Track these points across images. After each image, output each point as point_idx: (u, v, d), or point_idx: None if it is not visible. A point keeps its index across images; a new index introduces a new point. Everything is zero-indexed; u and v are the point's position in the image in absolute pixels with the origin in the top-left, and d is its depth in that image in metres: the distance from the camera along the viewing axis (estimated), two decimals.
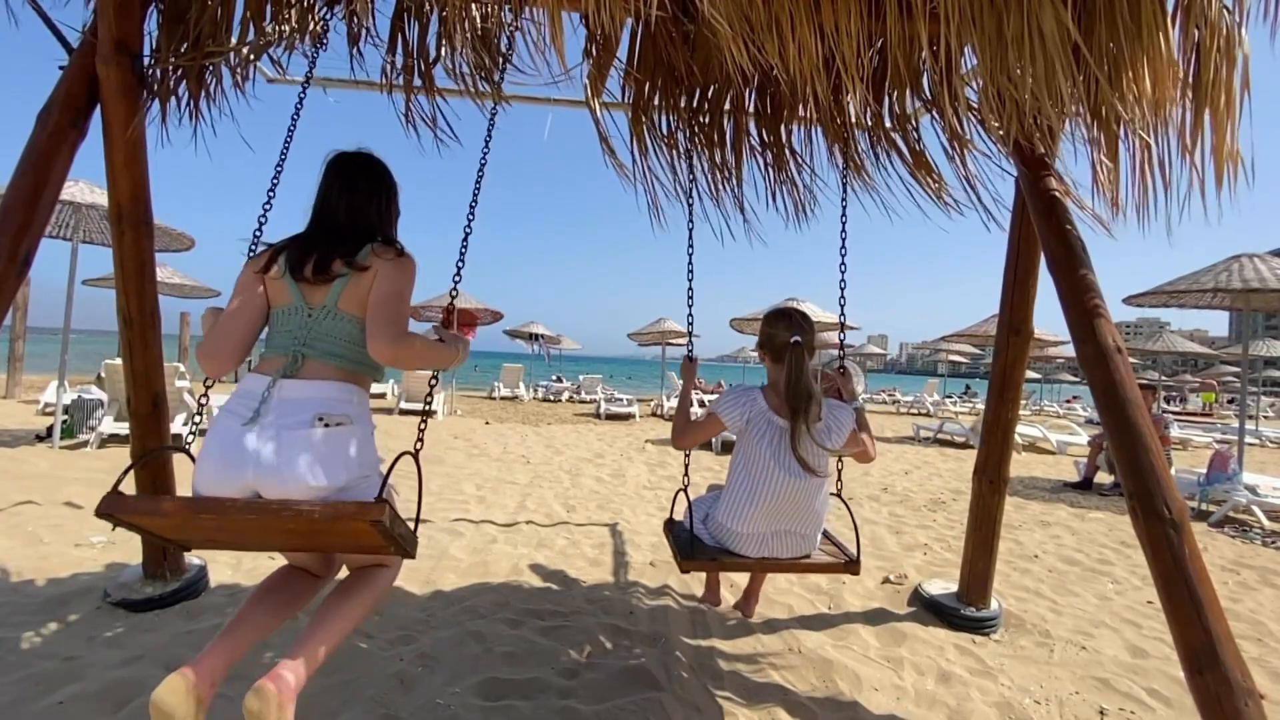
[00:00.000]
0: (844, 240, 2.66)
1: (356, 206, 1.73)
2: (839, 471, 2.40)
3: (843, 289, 2.60)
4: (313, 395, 1.54)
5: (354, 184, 1.74)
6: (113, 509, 1.40)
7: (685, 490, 2.37)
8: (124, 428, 6.25)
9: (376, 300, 1.60)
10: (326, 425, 1.50)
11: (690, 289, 2.63)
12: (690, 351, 2.54)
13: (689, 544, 2.19)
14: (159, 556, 2.85)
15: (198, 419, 1.92)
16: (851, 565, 2.21)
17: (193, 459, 1.56)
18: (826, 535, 2.43)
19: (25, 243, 2.20)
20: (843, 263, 2.61)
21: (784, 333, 2.14)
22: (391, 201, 1.83)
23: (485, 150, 2.05)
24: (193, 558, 3.05)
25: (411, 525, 1.56)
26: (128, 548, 3.38)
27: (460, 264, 1.87)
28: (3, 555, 3.23)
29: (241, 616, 1.56)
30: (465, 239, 1.91)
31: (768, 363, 2.24)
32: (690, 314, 2.67)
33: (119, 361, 6.76)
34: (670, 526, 2.42)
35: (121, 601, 2.70)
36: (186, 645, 2.41)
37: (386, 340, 1.56)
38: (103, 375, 8.02)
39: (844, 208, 2.75)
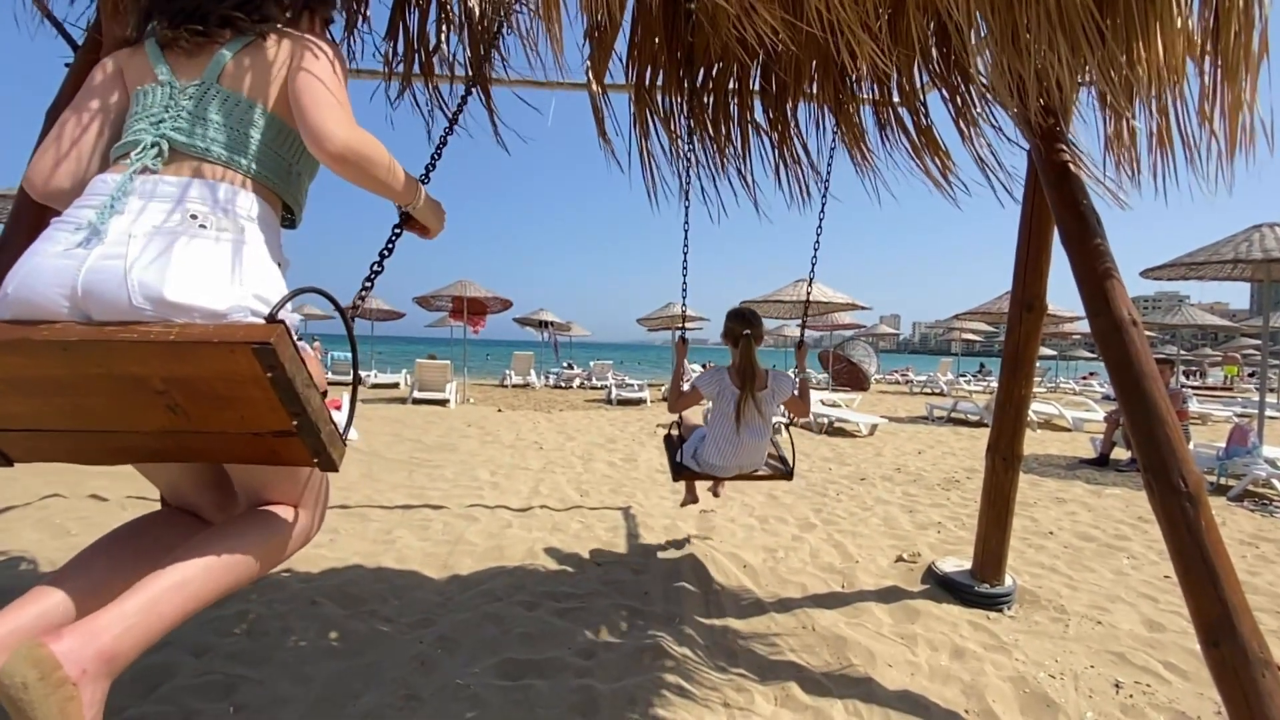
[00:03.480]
0: (823, 203, 3.12)
1: None
2: (789, 416, 3.28)
3: (815, 258, 3.18)
4: (186, 195, 1.07)
5: None
6: None
7: (680, 422, 3.31)
8: None
9: (307, 75, 1.15)
10: (203, 226, 1.05)
11: (685, 282, 3.21)
12: (684, 333, 3.28)
13: (679, 468, 3.08)
14: None
15: None
16: (788, 475, 3.08)
17: None
18: (779, 455, 3.24)
19: None
20: (820, 220, 3.11)
21: (739, 327, 2.91)
22: (312, 12, 1.39)
23: (449, 129, 1.71)
24: None
25: (341, 433, 1.13)
26: None
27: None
28: (33, 548, 3.32)
29: (72, 566, 1.08)
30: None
31: (729, 347, 3.00)
32: (685, 298, 3.25)
33: None
34: (669, 442, 3.31)
35: None
36: (212, 631, 2.47)
37: (334, 121, 1.11)
38: None
39: (827, 179, 3.13)
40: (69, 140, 1.17)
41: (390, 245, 1.39)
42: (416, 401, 11.88)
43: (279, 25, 1.23)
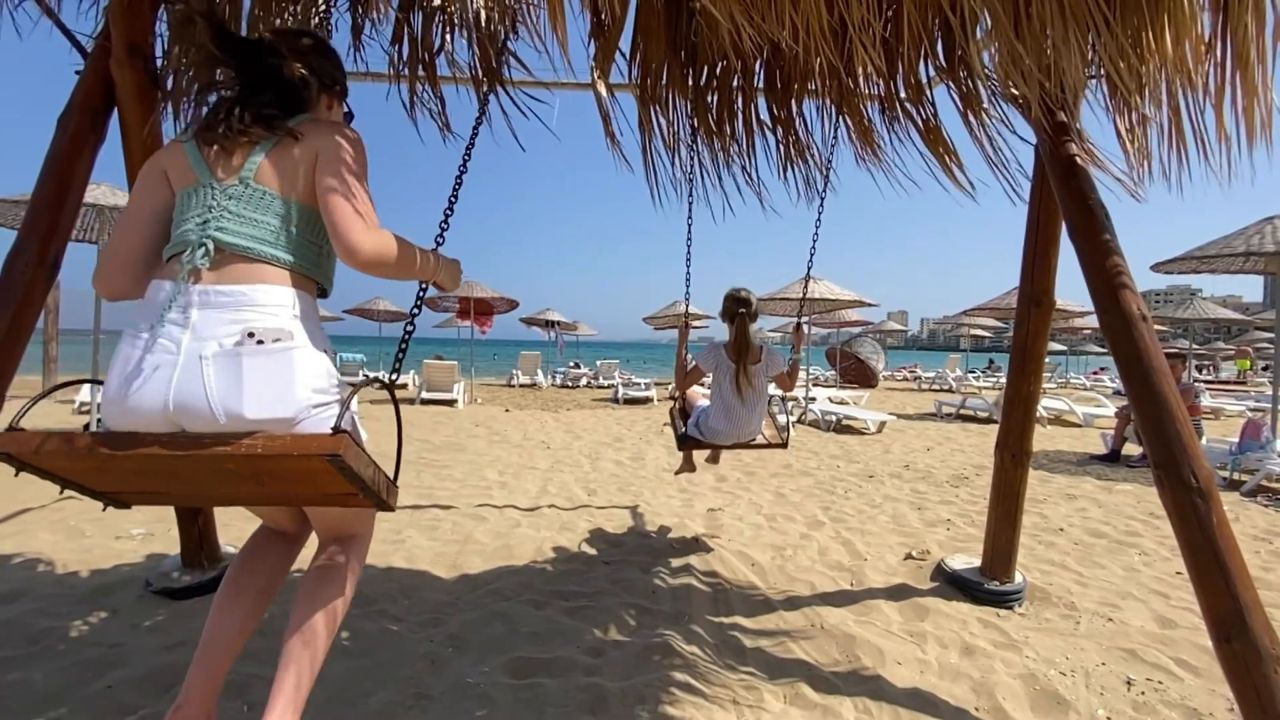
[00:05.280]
0: (822, 198, 3.28)
1: (284, 72, 1.38)
2: (782, 392, 3.51)
3: (813, 248, 3.37)
4: (238, 301, 1.21)
5: (280, 49, 1.40)
6: (7, 448, 1.15)
7: (683, 397, 3.65)
8: None
9: (331, 184, 1.27)
10: (260, 342, 1.19)
11: (688, 272, 3.29)
12: (686, 319, 3.60)
13: (685, 438, 3.40)
14: (196, 546, 2.95)
15: None
16: (781, 445, 3.42)
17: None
18: (775, 426, 3.55)
19: (53, 246, 2.26)
20: (819, 215, 3.29)
21: (735, 306, 3.23)
22: (331, 79, 1.50)
23: (474, 135, 1.86)
24: (228, 546, 3.14)
25: (391, 473, 1.36)
26: (166, 539, 3.50)
27: (440, 240, 1.67)
28: (48, 549, 3.36)
29: (209, 637, 1.35)
30: (446, 217, 1.72)
31: (727, 324, 3.30)
32: (688, 287, 3.33)
33: None
34: (673, 414, 3.61)
35: (162, 590, 2.80)
36: None
37: (359, 232, 1.25)
38: None
39: (826, 174, 3.23)
40: (127, 245, 1.32)
41: (417, 308, 1.58)
42: (424, 402, 11.94)
43: (304, 113, 1.38)
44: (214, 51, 1.35)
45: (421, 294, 1.57)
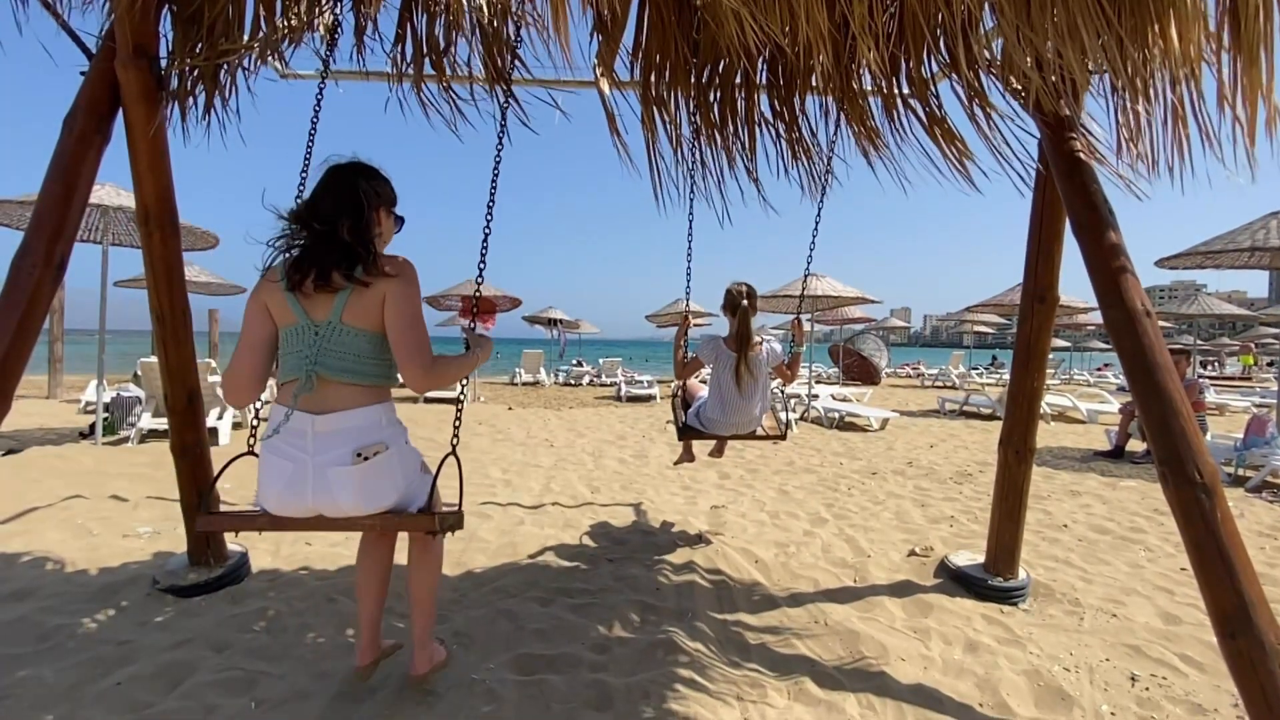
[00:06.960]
0: (823, 193, 3.26)
1: (347, 222, 1.69)
2: (782, 382, 3.59)
3: (813, 243, 3.31)
4: (343, 428, 1.66)
5: (341, 197, 1.71)
6: (211, 527, 1.89)
7: (684, 388, 3.72)
8: (162, 423, 6.46)
9: (398, 329, 1.67)
10: (365, 458, 1.65)
11: (689, 267, 3.22)
12: (687, 312, 3.67)
13: (685, 428, 3.46)
14: (203, 545, 2.96)
15: (254, 423, 2.06)
16: (781, 437, 3.46)
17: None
18: (775, 417, 3.63)
19: (59, 247, 2.27)
20: (818, 210, 3.28)
21: (737, 298, 3.25)
22: (379, 210, 1.80)
23: (500, 147, 2.10)
24: (234, 545, 3.16)
25: (454, 506, 1.92)
26: (173, 537, 3.52)
27: (482, 263, 2.06)
28: (56, 547, 3.38)
29: (363, 612, 2.01)
30: (485, 238, 2.07)
31: (727, 316, 3.33)
32: (689, 281, 3.24)
33: (154, 359, 6.96)
34: (674, 404, 3.71)
35: (170, 588, 2.82)
36: (232, 628, 2.52)
37: (420, 371, 1.67)
38: (139, 373, 8.26)
39: (827, 169, 3.21)
40: (247, 368, 1.74)
41: (462, 390, 2.10)
42: (428, 400, 11.95)
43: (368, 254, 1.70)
44: (300, 230, 1.73)
45: (464, 382, 2.01)
